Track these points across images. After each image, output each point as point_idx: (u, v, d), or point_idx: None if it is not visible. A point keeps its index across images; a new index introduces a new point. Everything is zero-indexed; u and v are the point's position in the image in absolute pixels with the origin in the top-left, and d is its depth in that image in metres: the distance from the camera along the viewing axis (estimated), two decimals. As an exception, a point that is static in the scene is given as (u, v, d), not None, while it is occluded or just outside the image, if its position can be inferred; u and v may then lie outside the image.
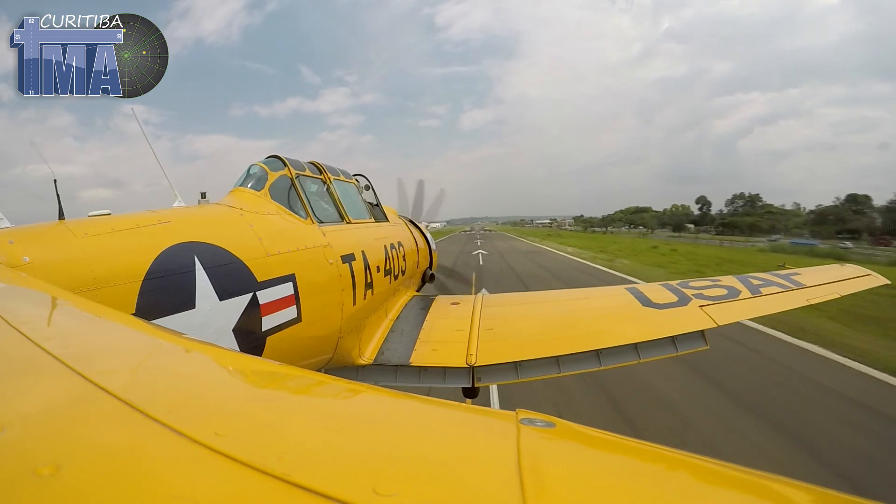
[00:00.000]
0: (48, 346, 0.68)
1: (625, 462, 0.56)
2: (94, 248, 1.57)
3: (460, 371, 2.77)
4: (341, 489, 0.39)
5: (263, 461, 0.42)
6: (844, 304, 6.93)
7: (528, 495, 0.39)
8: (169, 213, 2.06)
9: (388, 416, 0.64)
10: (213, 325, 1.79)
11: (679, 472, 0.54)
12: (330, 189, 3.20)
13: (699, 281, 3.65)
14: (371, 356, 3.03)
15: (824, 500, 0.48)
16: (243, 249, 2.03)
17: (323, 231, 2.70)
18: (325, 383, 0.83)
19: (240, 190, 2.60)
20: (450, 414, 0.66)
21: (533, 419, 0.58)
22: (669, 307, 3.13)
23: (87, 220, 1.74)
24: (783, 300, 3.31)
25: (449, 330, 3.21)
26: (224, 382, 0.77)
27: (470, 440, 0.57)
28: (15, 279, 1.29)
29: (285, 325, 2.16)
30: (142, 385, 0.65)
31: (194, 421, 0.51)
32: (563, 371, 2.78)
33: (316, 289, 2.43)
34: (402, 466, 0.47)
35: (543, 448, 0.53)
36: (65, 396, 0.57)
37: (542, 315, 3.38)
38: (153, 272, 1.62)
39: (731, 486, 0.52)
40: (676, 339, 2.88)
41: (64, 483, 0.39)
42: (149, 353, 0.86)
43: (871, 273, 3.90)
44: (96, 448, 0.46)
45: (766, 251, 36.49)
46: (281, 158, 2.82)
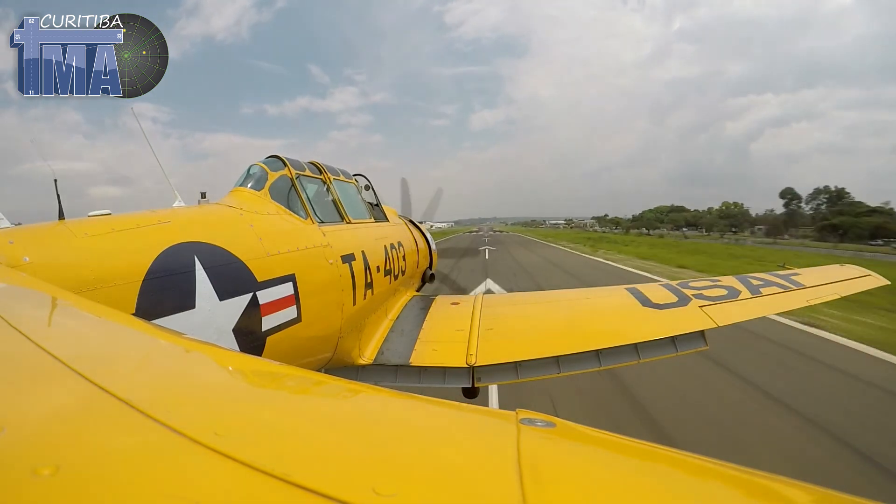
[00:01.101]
0: (48, 346, 0.68)
1: (625, 462, 0.56)
2: (94, 248, 1.57)
3: (460, 371, 2.77)
4: (341, 489, 0.38)
5: (263, 461, 0.42)
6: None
7: (529, 495, 0.39)
8: (169, 213, 2.06)
9: (388, 416, 0.64)
10: (213, 325, 1.78)
11: (679, 472, 0.54)
12: (330, 189, 3.19)
13: (699, 281, 3.66)
14: (371, 356, 3.03)
15: (824, 500, 0.48)
16: (243, 249, 2.03)
17: (323, 231, 2.70)
18: (325, 383, 0.84)
19: (240, 190, 2.60)
20: (450, 414, 0.66)
21: (533, 419, 0.58)
22: (669, 307, 3.13)
23: (87, 219, 1.74)
24: (783, 300, 3.32)
25: (449, 330, 3.21)
26: (224, 382, 0.77)
27: (470, 440, 0.57)
28: (15, 279, 1.28)
29: (285, 325, 2.16)
30: (142, 385, 0.65)
31: (194, 421, 0.51)
32: (563, 371, 2.78)
33: (316, 289, 2.42)
34: (402, 466, 0.47)
35: (543, 448, 0.53)
36: (65, 396, 0.57)
37: (542, 315, 3.38)
38: (153, 272, 1.62)
39: (731, 486, 0.52)
40: (676, 339, 2.89)
41: (64, 483, 0.39)
42: (149, 353, 0.86)
43: (871, 273, 3.90)
44: (96, 448, 0.46)
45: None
46: (281, 158, 2.81)
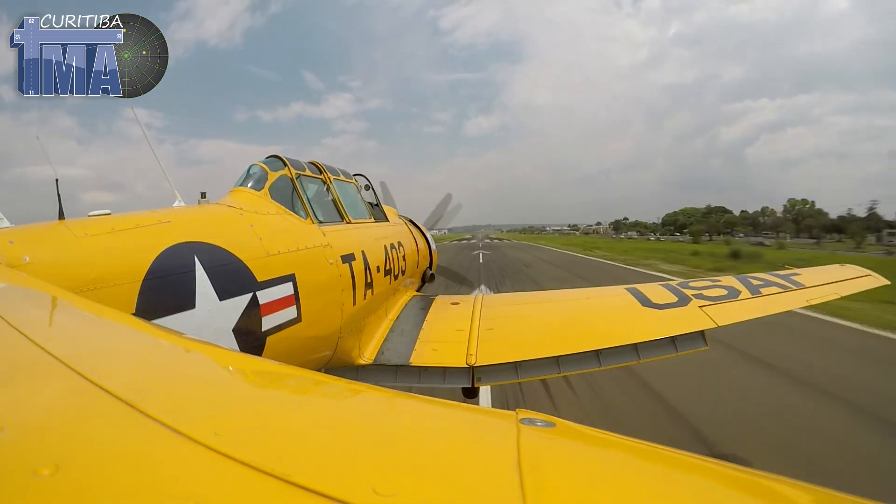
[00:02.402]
0: (48, 346, 0.68)
1: (625, 462, 0.56)
2: (94, 248, 1.57)
3: (460, 371, 2.77)
4: (341, 489, 0.38)
5: (263, 461, 0.42)
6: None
7: (529, 495, 0.39)
8: (169, 212, 2.06)
9: (388, 416, 0.64)
10: (213, 325, 1.78)
11: (679, 472, 0.54)
12: (330, 189, 3.19)
13: (699, 281, 3.66)
14: (371, 356, 3.03)
15: (824, 500, 0.48)
16: (243, 249, 2.02)
17: (323, 231, 2.70)
18: (325, 383, 0.84)
19: (240, 190, 2.59)
20: (450, 414, 0.66)
21: (533, 419, 0.58)
22: (669, 307, 3.13)
23: (87, 219, 1.74)
24: (783, 300, 3.31)
25: (449, 330, 3.20)
26: (224, 382, 0.77)
27: (470, 440, 0.57)
28: (15, 279, 1.28)
29: (285, 325, 2.15)
30: (142, 385, 0.65)
31: (194, 421, 0.51)
32: (563, 371, 2.78)
33: (316, 289, 2.42)
34: (401, 466, 0.47)
35: (543, 448, 0.53)
36: (65, 396, 0.57)
37: (542, 315, 3.38)
38: (153, 272, 1.62)
39: (731, 486, 0.52)
40: (676, 339, 2.89)
41: (64, 483, 0.39)
42: (149, 353, 0.86)
43: (871, 273, 3.90)
44: (96, 448, 0.46)
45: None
46: (281, 158, 2.81)
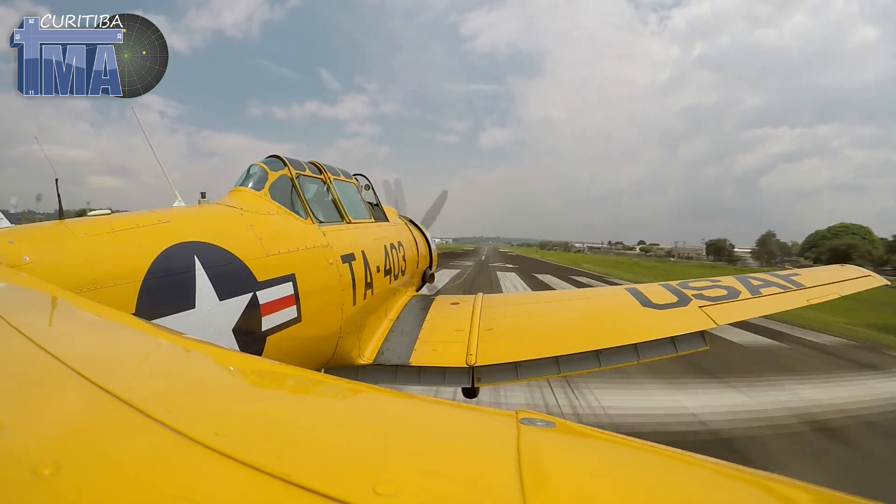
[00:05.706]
0: (48, 346, 0.68)
1: (625, 462, 0.56)
2: (94, 248, 1.57)
3: (460, 371, 2.77)
4: (341, 489, 0.38)
5: (263, 461, 0.42)
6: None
7: (529, 495, 0.39)
8: (169, 212, 2.06)
9: (388, 416, 0.64)
10: (213, 325, 1.78)
11: (679, 472, 0.54)
12: (330, 189, 3.19)
13: (699, 281, 3.65)
14: (371, 356, 3.03)
15: (824, 500, 0.48)
16: (243, 249, 2.02)
17: (323, 231, 2.70)
18: (325, 383, 0.84)
19: (240, 190, 2.59)
20: (450, 414, 0.66)
21: (533, 419, 0.58)
22: (669, 307, 3.12)
23: (87, 219, 1.74)
24: (783, 300, 3.31)
25: (449, 330, 3.20)
26: (224, 382, 0.77)
27: (470, 440, 0.57)
28: (15, 279, 1.28)
29: (285, 325, 2.15)
30: (142, 385, 0.65)
31: (194, 421, 0.51)
32: (562, 371, 2.78)
33: (316, 289, 2.42)
34: (402, 466, 0.47)
35: (543, 448, 0.53)
36: (65, 396, 0.57)
37: (542, 315, 3.38)
38: (153, 272, 1.62)
39: (731, 485, 0.52)
40: (676, 339, 2.88)
41: (64, 483, 0.39)
42: (149, 353, 0.86)
43: (870, 274, 3.91)
44: (96, 448, 0.46)
45: None
46: (281, 158, 2.81)
